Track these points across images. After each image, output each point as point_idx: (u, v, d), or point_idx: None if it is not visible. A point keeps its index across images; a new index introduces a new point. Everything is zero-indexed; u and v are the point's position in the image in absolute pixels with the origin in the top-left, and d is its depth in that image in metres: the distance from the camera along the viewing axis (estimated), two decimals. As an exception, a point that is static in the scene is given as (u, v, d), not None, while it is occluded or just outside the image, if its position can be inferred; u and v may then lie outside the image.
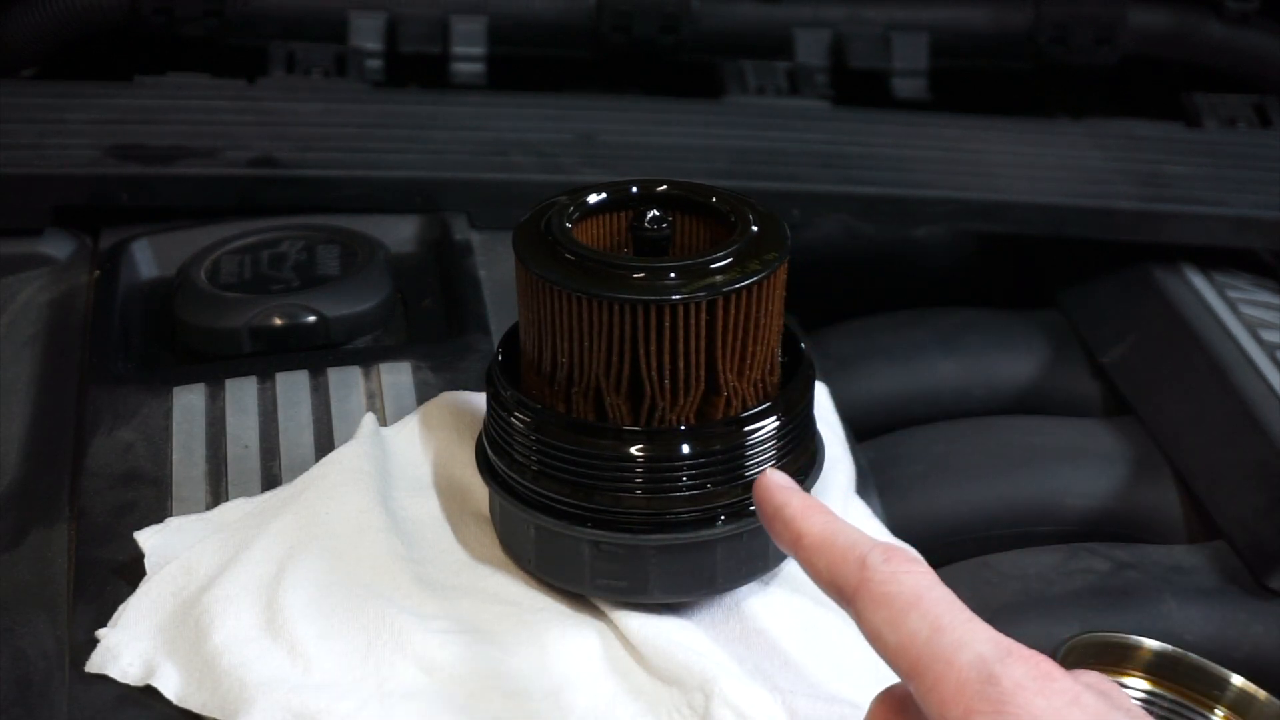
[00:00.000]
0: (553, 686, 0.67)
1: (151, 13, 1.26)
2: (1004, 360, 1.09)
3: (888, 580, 0.56)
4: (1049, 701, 0.52)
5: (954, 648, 0.53)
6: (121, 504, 0.78)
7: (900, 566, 0.56)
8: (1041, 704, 0.52)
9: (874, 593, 0.56)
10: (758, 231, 0.68)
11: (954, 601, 0.55)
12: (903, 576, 0.56)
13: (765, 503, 0.61)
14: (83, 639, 0.70)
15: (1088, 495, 0.97)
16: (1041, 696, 0.52)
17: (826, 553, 0.58)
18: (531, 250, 0.68)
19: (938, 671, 0.53)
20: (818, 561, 0.58)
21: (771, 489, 0.61)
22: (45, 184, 1.04)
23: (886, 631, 0.55)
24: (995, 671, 0.52)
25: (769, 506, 0.61)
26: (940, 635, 0.54)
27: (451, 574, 0.72)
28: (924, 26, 1.32)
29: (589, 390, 0.67)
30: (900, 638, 0.54)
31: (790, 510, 0.60)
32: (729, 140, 1.15)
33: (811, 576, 0.59)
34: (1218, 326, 1.01)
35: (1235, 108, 1.24)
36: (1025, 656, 0.53)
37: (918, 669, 0.54)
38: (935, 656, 0.54)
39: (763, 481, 0.62)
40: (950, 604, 0.55)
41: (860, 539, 0.58)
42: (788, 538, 0.60)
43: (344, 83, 1.22)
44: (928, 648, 0.54)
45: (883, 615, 0.55)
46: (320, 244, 0.97)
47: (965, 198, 1.08)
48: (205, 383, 0.85)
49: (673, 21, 1.30)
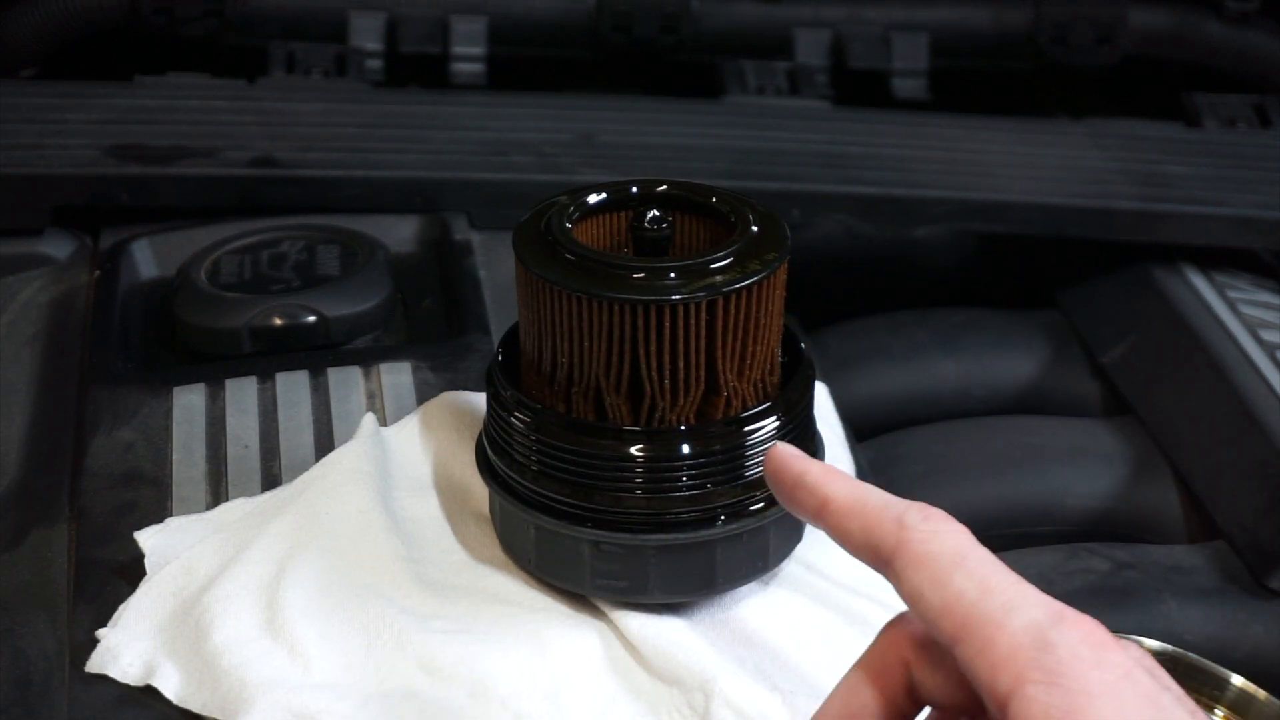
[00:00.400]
0: (552, 686, 0.67)
1: (151, 13, 1.26)
2: (1004, 360, 1.09)
3: (929, 539, 0.54)
4: (1103, 675, 0.50)
5: (1005, 610, 0.51)
6: (121, 504, 0.78)
7: (941, 525, 0.54)
8: (1096, 677, 0.50)
9: (915, 552, 0.54)
10: (758, 231, 0.68)
11: (998, 563, 0.53)
12: (945, 535, 0.54)
13: (783, 473, 0.59)
14: (83, 639, 0.70)
15: (1088, 495, 0.97)
16: (1097, 669, 0.50)
17: (859, 514, 0.55)
18: (531, 250, 0.68)
19: (988, 634, 0.51)
20: (850, 524, 0.56)
21: (788, 459, 0.59)
22: (45, 184, 1.04)
23: (929, 591, 0.53)
24: (1050, 638, 0.51)
25: (788, 476, 0.58)
26: (989, 596, 0.52)
27: (451, 574, 0.72)
28: (924, 26, 1.32)
29: (589, 390, 0.67)
30: (945, 598, 0.52)
31: (812, 477, 0.58)
32: (729, 140, 1.15)
33: (842, 542, 0.57)
34: (1218, 326, 1.01)
35: (1235, 108, 1.24)
36: (1078, 622, 0.51)
37: (966, 630, 0.52)
38: (986, 619, 0.51)
39: (776, 454, 0.59)
40: (995, 565, 0.53)
41: (893, 499, 0.56)
42: (813, 505, 0.57)
43: (344, 83, 1.22)
44: (976, 609, 0.52)
45: (925, 574, 0.53)
46: (320, 244, 0.97)
47: (965, 198, 1.08)
48: (205, 383, 0.85)
49: (673, 21, 1.30)
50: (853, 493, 0.57)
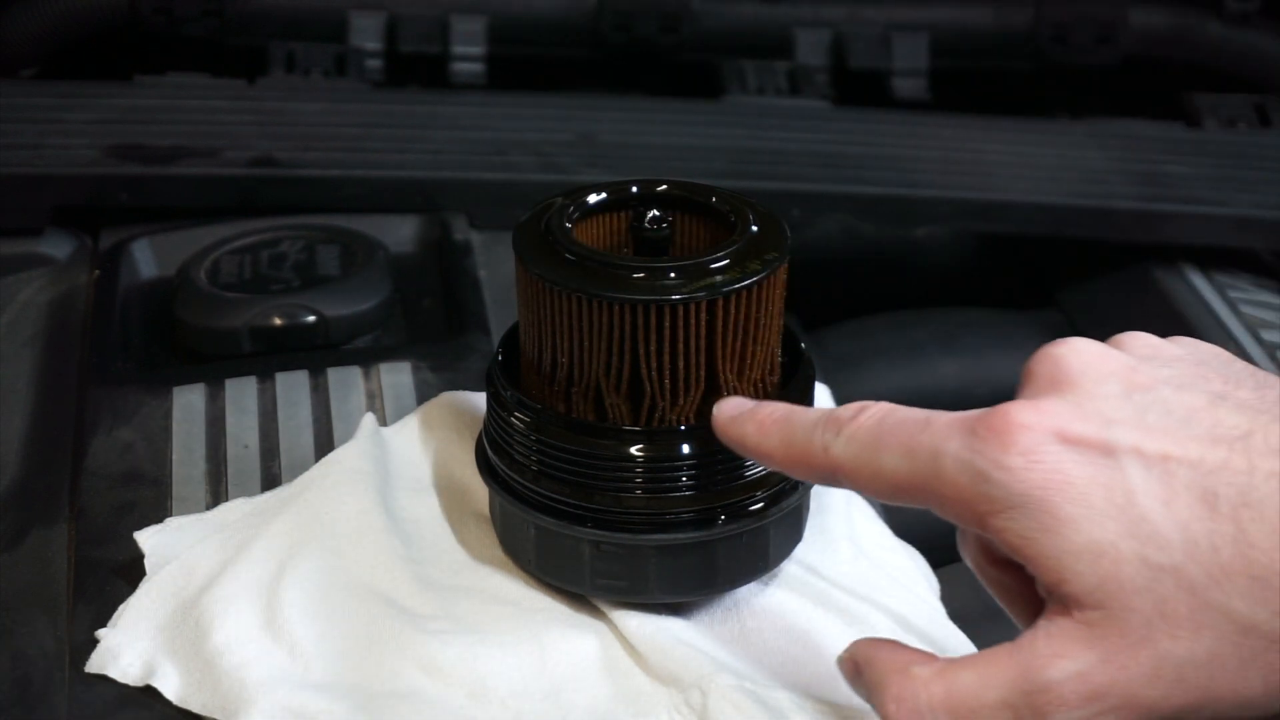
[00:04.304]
0: (552, 686, 0.67)
1: (151, 13, 1.26)
2: (1004, 360, 1.08)
3: (846, 441, 0.58)
4: (1038, 475, 0.53)
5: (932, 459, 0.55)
6: (121, 504, 0.78)
7: (853, 421, 0.58)
8: (1037, 480, 0.52)
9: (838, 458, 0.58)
10: (758, 231, 0.68)
11: (912, 416, 0.57)
12: (860, 425, 0.57)
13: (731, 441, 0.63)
14: (83, 639, 0.70)
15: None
16: (1031, 471, 0.53)
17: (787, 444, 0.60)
18: (531, 250, 0.68)
19: (933, 493, 0.55)
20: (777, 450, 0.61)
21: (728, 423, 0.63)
22: (45, 184, 1.04)
23: (873, 486, 0.57)
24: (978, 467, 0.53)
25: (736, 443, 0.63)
26: (915, 458, 0.55)
27: (451, 574, 0.72)
28: (924, 26, 1.32)
29: (589, 390, 0.67)
30: (887, 482, 0.56)
31: (751, 441, 0.62)
32: (729, 140, 1.15)
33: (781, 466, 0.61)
34: (1218, 326, 1.01)
35: (1235, 108, 1.24)
36: (987, 432, 0.54)
37: (919, 500, 0.55)
38: (922, 483, 0.55)
39: (721, 419, 0.63)
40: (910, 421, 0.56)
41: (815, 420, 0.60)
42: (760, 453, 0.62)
43: (344, 83, 1.22)
44: (912, 478, 0.55)
45: (862, 476, 0.57)
46: (320, 244, 0.97)
47: (965, 198, 1.08)
48: (205, 383, 0.85)
49: (673, 21, 1.30)
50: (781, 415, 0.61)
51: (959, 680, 0.55)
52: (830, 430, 0.58)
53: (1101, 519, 0.52)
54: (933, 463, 0.54)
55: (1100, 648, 0.52)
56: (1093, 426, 0.53)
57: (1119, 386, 0.55)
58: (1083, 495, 0.52)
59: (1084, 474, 0.53)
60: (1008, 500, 0.53)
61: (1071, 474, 0.52)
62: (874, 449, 0.57)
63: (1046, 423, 0.53)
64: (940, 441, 0.55)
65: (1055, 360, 0.56)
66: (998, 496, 0.53)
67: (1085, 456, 0.53)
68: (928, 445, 0.55)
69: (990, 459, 0.53)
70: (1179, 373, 0.56)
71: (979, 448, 0.54)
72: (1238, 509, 0.51)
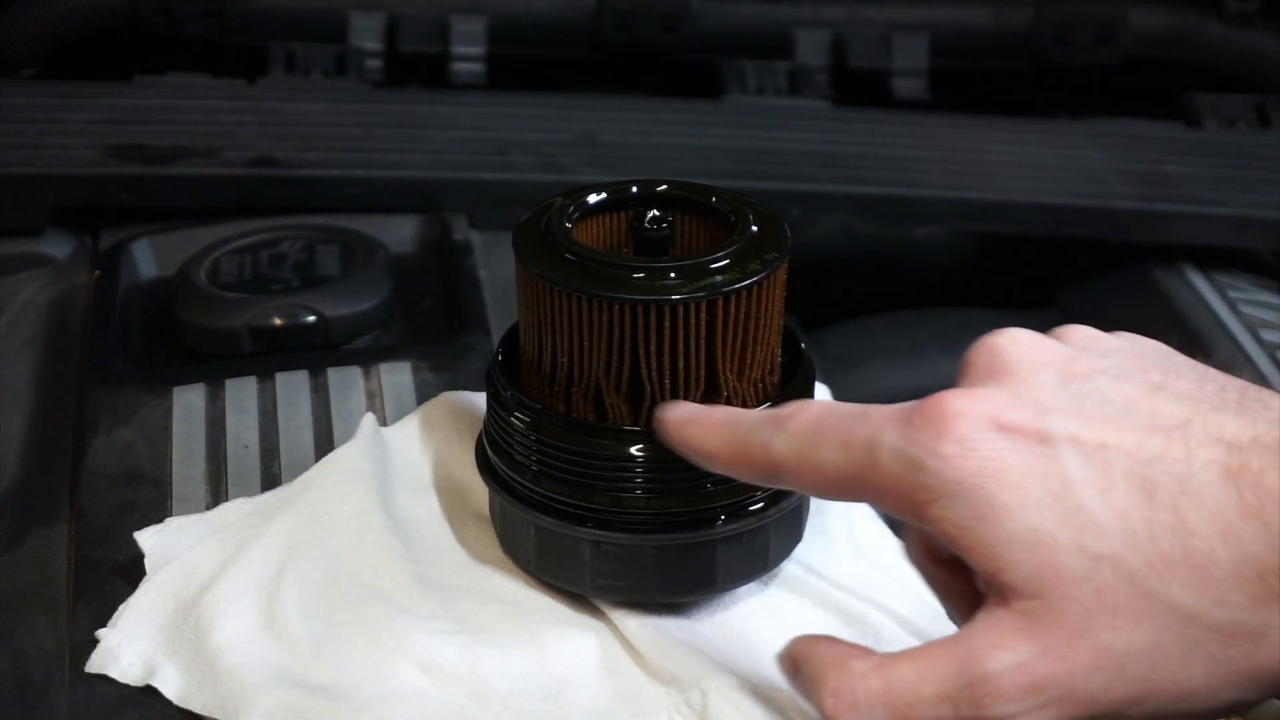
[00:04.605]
0: (552, 686, 0.67)
1: (151, 13, 1.26)
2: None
3: (786, 441, 0.57)
4: (971, 462, 0.52)
5: (868, 450, 0.54)
6: (121, 504, 0.78)
7: (791, 417, 0.57)
8: (971, 468, 0.52)
9: (778, 456, 0.57)
10: (758, 231, 0.68)
11: (850, 411, 0.56)
12: (798, 421, 0.57)
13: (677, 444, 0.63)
14: (83, 639, 0.70)
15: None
16: (965, 458, 0.52)
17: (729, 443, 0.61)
18: (531, 250, 0.68)
19: (869, 484, 0.54)
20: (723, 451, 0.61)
21: (675, 427, 0.63)
22: (45, 184, 1.04)
23: (814, 482, 0.57)
24: (912, 455, 0.53)
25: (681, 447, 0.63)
26: (851, 450, 0.55)
27: (451, 574, 0.72)
28: (924, 26, 1.32)
29: (589, 390, 0.67)
30: (827, 476, 0.56)
31: (695, 443, 0.62)
32: (729, 140, 1.15)
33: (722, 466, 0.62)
34: (1218, 326, 1.01)
35: (1235, 108, 1.24)
36: (922, 421, 0.54)
37: (856, 493, 0.55)
38: (858, 474, 0.55)
39: (668, 423, 0.63)
40: (847, 415, 0.56)
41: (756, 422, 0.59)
42: None
43: (344, 83, 1.22)
44: (849, 469, 0.55)
45: (803, 472, 0.57)
46: (320, 244, 0.97)
47: (965, 198, 1.08)
48: (205, 383, 0.85)
49: (673, 21, 1.30)
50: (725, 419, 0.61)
51: (897, 673, 0.54)
52: (770, 428, 0.58)
53: (1038, 507, 0.52)
54: (869, 454, 0.54)
55: (1039, 638, 0.52)
56: (1028, 414, 0.53)
57: (1056, 375, 0.54)
58: (1018, 483, 0.52)
59: (1020, 461, 0.52)
60: (942, 489, 0.52)
61: (1007, 461, 0.52)
62: (812, 444, 0.56)
63: (982, 410, 0.53)
64: (876, 433, 0.54)
65: (992, 350, 0.56)
66: (932, 485, 0.53)
67: (1021, 444, 0.52)
68: (864, 437, 0.55)
69: (925, 447, 0.53)
70: (1117, 363, 0.55)
71: (914, 436, 0.53)
72: (1176, 497, 0.51)
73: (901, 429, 0.54)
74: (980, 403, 0.53)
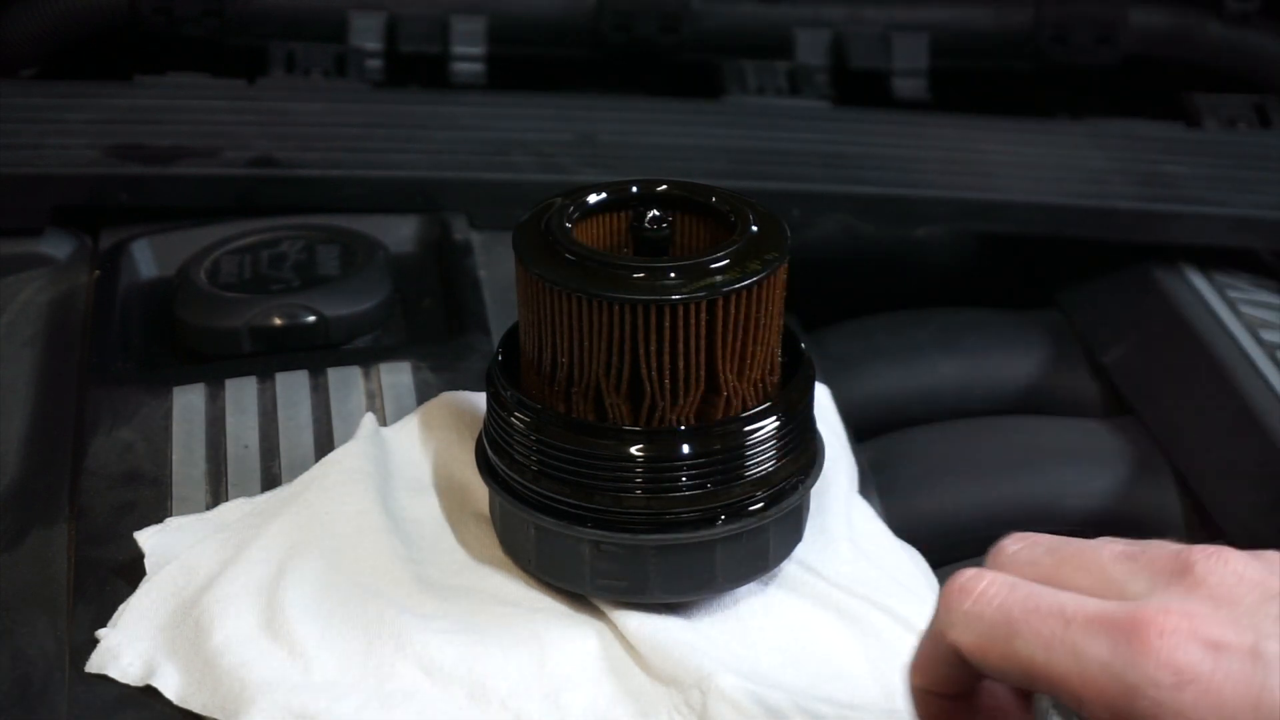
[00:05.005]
0: (552, 687, 0.67)
1: (151, 13, 1.26)
2: (1004, 360, 1.08)
3: (968, 622, 0.54)
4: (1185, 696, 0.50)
5: (1074, 658, 0.51)
6: (121, 504, 0.78)
7: (968, 604, 0.54)
8: None
9: (966, 645, 0.53)
10: (758, 231, 0.68)
11: (1038, 597, 0.53)
12: (979, 610, 0.54)
13: None
14: (83, 639, 0.70)
15: (1088, 495, 0.96)
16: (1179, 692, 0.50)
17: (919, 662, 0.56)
18: (531, 250, 0.68)
19: (1070, 687, 0.51)
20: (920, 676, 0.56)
21: None
22: (45, 184, 1.04)
23: (1013, 673, 0.53)
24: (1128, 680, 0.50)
25: None
26: (1052, 650, 0.52)
27: (451, 574, 0.72)
28: (924, 26, 1.32)
29: (589, 390, 0.67)
30: (1025, 670, 0.52)
31: None
32: (729, 140, 1.15)
33: None
34: (1218, 326, 1.01)
35: (1235, 108, 1.24)
36: (1144, 642, 0.50)
37: (1052, 688, 0.52)
38: (1061, 675, 0.51)
39: None
40: (1036, 603, 0.53)
41: None
42: None
43: (344, 83, 1.22)
44: (1049, 669, 0.52)
45: (994, 662, 0.53)
46: (320, 244, 0.97)
47: (965, 198, 1.08)
48: (205, 383, 0.85)
49: (673, 21, 1.30)
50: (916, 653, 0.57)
51: None
52: (942, 615, 0.55)
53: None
54: (1076, 663, 0.52)
55: None
56: (1240, 631, 0.51)
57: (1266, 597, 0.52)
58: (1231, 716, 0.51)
59: (1233, 691, 0.50)
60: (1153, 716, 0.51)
61: (1223, 691, 0.50)
62: (1003, 634, 0.53)
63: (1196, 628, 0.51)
64: (1084, 643, 0.52)
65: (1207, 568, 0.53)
66: (1146, 710, 0.50)
67: (1230, 659, 0.50)
68: (1069, 644, 0.52)
69: (1143, 674, 0.50)
70: None
71: (1131, 659, 0.51)
72: None
73: (1114, 646, 0.51)
74: (1194, 620, 0.52)
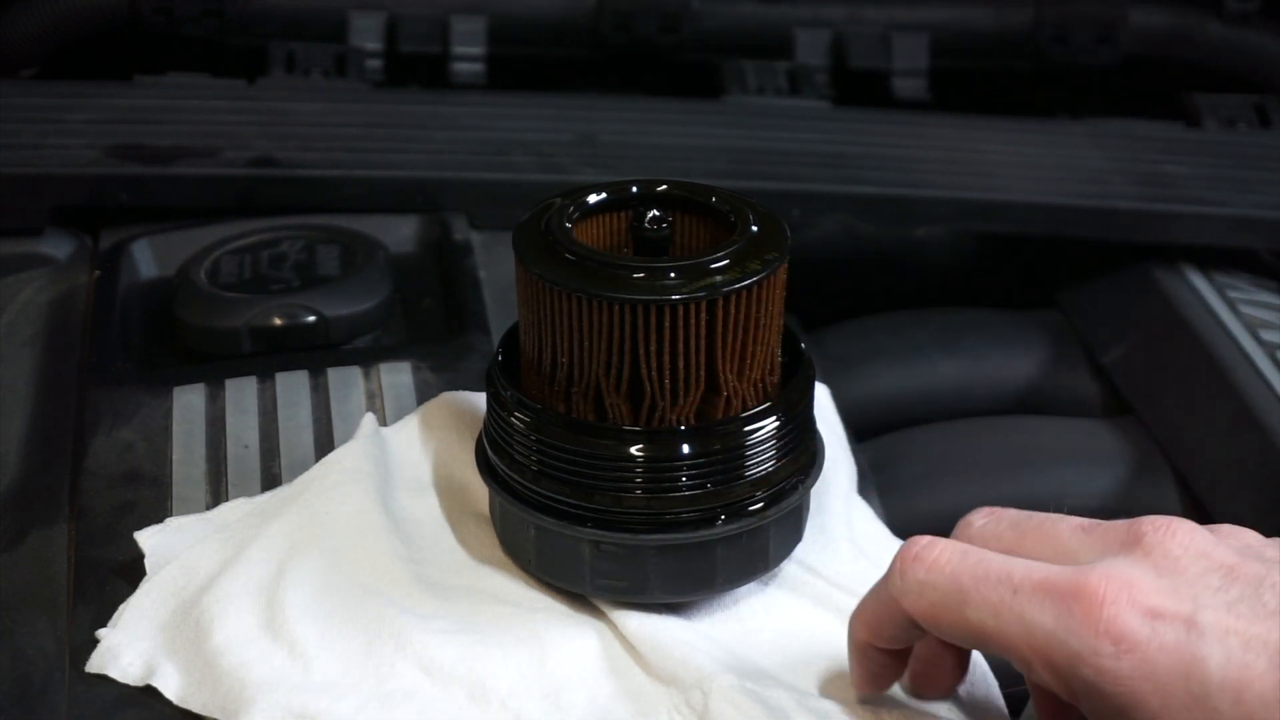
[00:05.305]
0: (552, 686, 0.67)
1: (151, 13, 1.26)
2: (1004, 360, 1.08)
3: (920, 590, 0.57)
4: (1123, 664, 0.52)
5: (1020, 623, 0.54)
6: (121, 504, 0.78)
7: (921, 572, 0.57)
8: None
9: (918, 611, 0.57)
10: (758, 231, 0.68)
11: (991, 563, 0.56)
12: (933, 578, 0.56)
13: None
14: (83, 639, 0.70)
15: (1088, 495, 0.96)
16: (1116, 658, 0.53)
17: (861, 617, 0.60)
18: (531, 250, 0.68)
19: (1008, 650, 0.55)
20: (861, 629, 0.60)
21: None
22: (45, 184, 1.04)
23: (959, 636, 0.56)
24: None
25: None
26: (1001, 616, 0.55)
27: (451, 574, 0.72)
28: (924, 26, 1.32)
29: (589, 390, 0.67)
30: (973, 634, 0.55)
31: None
32: (729, 140, 1.15)
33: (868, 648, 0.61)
34: (1218, 326, 1.01)
35: (1235, 108, 1.24)
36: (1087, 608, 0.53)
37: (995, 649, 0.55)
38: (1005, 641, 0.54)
39: None
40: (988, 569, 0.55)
41: None
42: None
43: (344, 83, 1.22)
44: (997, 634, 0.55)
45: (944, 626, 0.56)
46: (320, 244, 0.97)
47: (965, 198, 1.08)
48: (205, 383, 0.85)
49: (673, 21, 1.30)
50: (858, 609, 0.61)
51: None
52: (895, 579, 0.59)
53: (1179, 709, 0.52)
54: (1023, 630, 0.55)
55: None
56: (1179, 602, 0.54)
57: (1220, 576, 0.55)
58: (1164, 687, 0.53)
59: (1167, 662, 0.53)
60: (1092, 689, 0.54)
61: (1157, 663, 0.53)
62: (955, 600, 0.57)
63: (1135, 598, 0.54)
64: (1032, 611, 0.55)
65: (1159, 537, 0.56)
66: (1088, 679, 0.54)
67: (1168, 629, 0.53)
68: (1016, 611, 0.55)
69: (1085, 644, 0.54)
70: None
71: (1074, 628, 0.54)
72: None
73: (1058, 613, 0.54)
74: (1134, 588, 0.54)
